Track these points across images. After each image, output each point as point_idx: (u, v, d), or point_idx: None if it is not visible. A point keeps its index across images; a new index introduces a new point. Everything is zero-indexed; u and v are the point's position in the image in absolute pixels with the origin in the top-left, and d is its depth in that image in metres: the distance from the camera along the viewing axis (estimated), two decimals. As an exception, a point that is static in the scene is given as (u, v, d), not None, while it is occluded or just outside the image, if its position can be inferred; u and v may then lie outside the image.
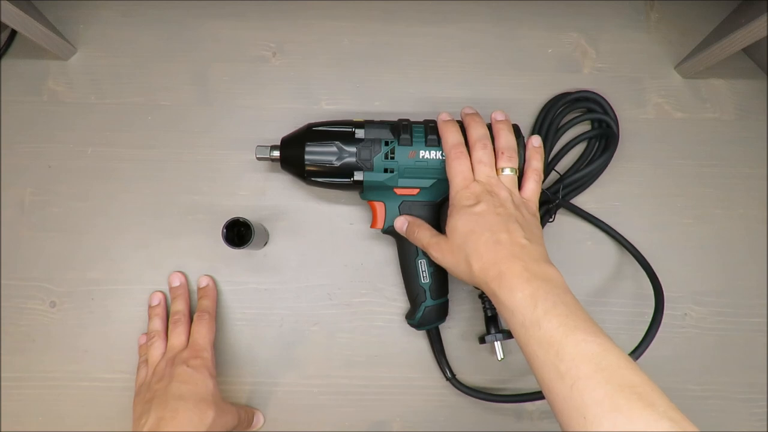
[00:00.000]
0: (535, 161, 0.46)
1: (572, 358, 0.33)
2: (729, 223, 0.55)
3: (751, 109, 0.57)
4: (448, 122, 0.46)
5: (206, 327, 0.49)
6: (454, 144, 0.44)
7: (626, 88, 0.57)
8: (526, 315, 0.36)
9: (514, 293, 0.37)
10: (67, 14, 0.56)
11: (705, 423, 0.52)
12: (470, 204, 0.42)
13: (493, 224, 0.40)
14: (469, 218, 0.41)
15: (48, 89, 0.55)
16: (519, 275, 0.37)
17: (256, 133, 0.54)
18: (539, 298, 0.36)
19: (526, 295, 0.36)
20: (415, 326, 0.50)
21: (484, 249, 0.40)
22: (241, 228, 0.47)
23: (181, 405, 0.42)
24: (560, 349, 0.33)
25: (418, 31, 0.57)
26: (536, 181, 0.45)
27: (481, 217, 0.41)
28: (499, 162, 0.44)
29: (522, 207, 0.43)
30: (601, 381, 0.32)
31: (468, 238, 0.41)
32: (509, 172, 0.44)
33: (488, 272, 0.39)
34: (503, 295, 0.37)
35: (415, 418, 0.52)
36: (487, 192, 0.42)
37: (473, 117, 0.46)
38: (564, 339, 0.34)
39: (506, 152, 0.44)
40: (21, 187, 0.54)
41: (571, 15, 0.58)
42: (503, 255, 0.39)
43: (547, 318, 0.35)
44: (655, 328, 0.45)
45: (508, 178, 0.44)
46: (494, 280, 0.38)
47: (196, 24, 0.57)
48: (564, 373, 0.33)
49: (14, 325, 0.52)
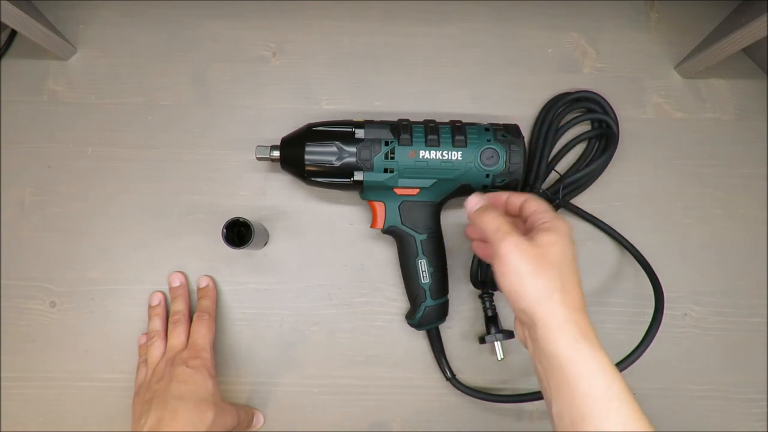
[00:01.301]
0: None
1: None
2: (729, 223, 0.55)
3: (751, 109, 0.57)
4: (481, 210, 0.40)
5: (206, 327, 0.49)
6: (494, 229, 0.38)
7: (626, 88, 0.57)
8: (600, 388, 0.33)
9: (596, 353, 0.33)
10: (67, 14, 0.56)
11: (705, 423, 0.52)
12: (568, 232, 0.37)
13: (577, 271, 0.37)
14: (566, 245, 0.36)
15: (48, 89, 0.55)
16: (594, 335, 0.34)
17: (256, 133, 0.54)
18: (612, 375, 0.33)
19: (608, 363, 0.34)
20: (415, 326, 0.50)
21: (573, 286, 0.36)
22: (241, 228, 0.47)
23: (181, 405, 0.42)
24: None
25: (418, 31, 0.57)
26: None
27: (575, 255, 0.37)
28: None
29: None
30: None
31: (564, 262, 0.36)
32: None
33: (571, 311, 0.35)
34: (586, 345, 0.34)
35: (415, 418, 0.52)
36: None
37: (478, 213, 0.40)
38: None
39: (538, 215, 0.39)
40: (21, 187, 0.54)
41: (571, 15, 0.58)
42: (580, 303, 0.36)
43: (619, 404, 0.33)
44: (655, 328, 0.45)
45: None
46: (575, 324, 0.34)
47: (195, 24, 0.57)
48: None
49: (14, 325, 0.52)
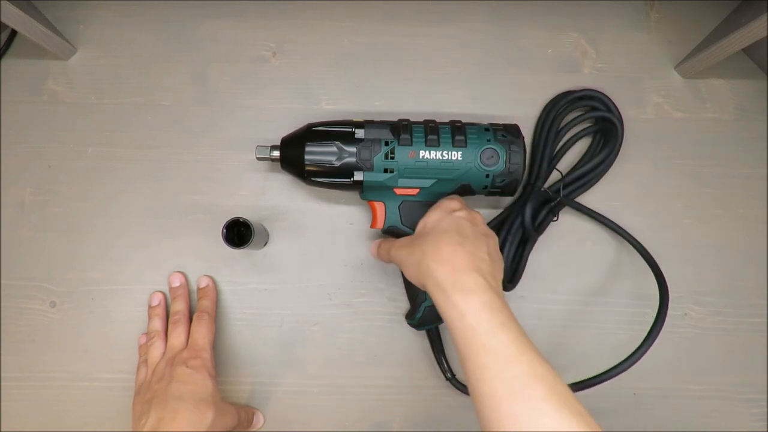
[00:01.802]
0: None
1: (527, 376, 0.32)
2: (729, 223, 0.55)
3: (751, 109, 0.57)
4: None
5: (206, 327, 0.49)
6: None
7: (626, 88, 0.56)
8: (482, 322, 0.34)
9: (469, 297, 0.35)
10: (67, 14, 0.56)
11: (705, 423, 0.52)
12: (452, 207, 0.42)
13: (464, 229, 0.40)
14: (442, 216, 0.42)
15: (48, 89, 0.55)
16: (475, 280, 0.36)
17: (256, 133, 0.54)
18: (495, 309, 0.35)
19: (484, 302, 0.35)
20: (415, 326, 0.50)
21: (445, 244, 0.39)
22: (241, 228, 0.47)
23: (181, 405, 0.42)
24: (515, 365, 0.33)
25: (418, 31, 0.57)
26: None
27: (455, 220, 0.41)
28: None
29: (491, 239, 0.42)
30: (557, 406, 0.31)
31: (434, 230, 0.41)
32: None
33: (442, 266, 0.37)
34: (456, 294, 0.36)
35: (415, 418, 0.52)
36: (468, 211, 0.43)
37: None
38: (520, 356, 0.33)
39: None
40: (21, 187, 0.54)
41: (571, 15, 0.58)
42: (462, 256, 0.38)
43: (503, 330, 0.34)
44: (658, 326, 0.45)
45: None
46: (447, 276, 0.37)
47: (195, 24, 0.57)
48: (517, 390, 0.32)
49: (14, 325, 0.52)
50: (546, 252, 0.53)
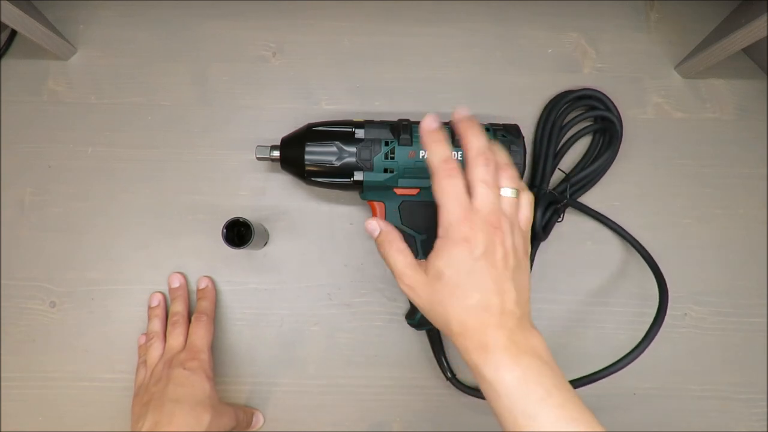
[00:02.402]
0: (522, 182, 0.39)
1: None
2: (729, 223, 0.55)
3: (751, 109, 0.57)
4: (434, 132, 0.37)
5: (204, 328, 0.49)
6: (444, 158, 0.36)
7: (626, 88, 0.56)
8: (517, 403, 0.32)
9: (501, 374, 0.32)
10: (67, 14, 0.56)
11: (705, 423, 0.52)
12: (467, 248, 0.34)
13: (487, 283, 0.34)
14: (461, 268, 0.34)
15: (48, 89, 0.55)
16: (505, 350, 0.33)
17: (256, 133, 0.54)
18: (531, 383, 0.32)
19: (516, 378, 0.32)
20: (415, 326, 0.50)
21: (469, 314, 0.34)
22: (241, 228, 0.47)
23: (177, 408, 0.42)
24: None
25: (418, 31, 0.57)
26: (530, 206, 0.38)
27: (475, 271, 0.34)
28: (501, 181, 0.36)
29: (519, 247, 0.36)
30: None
31: (453, 294, 0.34)
32: (511, 194, 0.36)
33: (470, 341, 0.34)
34: (488, 372, 0.33)
35: (415, 418, 0.52)
36: (488, 229, 0.34)
37: (470, 124, 0.37)
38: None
39: (508, 169, 0.37)
40: (21, 187, 0.54)
41: (571, 15, 0.58)
42: (489, 324, 0.34)
43: (542, 409, 0.31)
44: (657, 326, 0.45)
45: (510, 202, 0.36)
46: (476, 351, 0.33)
47: (196, 24, 0.57)
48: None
49: (14, 325, 0.52)
50: (546, 252, 0.53)
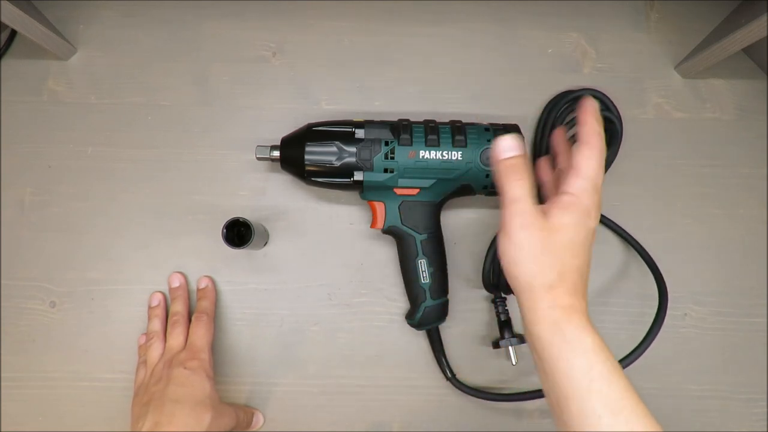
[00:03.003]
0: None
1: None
2: (729, 223, 0.55)
3: (751, 109, 0.57)
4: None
5: (204, 328, 0.49)
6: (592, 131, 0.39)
7: (626, 88, 0.57)
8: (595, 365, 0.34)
9: (583, 335, 0.34)
10: (67, 14, 0.56)
11: (705, 423, 0.52)
12: (591, 214, 0.37)
13: (588, 254, 0.37)
14: (582, 231, 0.36)
15: (48, 89, 0.55)
16: (586, 316, 0.35)
17: (256, 133, 0.54)
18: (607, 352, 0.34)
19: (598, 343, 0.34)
20: (415, 326, 0.50)
21: (572, 272, 0.36)
22: (241, 228, 0.47)
23: (178, 408, 0.42)
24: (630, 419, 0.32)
25: (418, 31, 0.57)
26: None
27: (588, 239, 0.37)
28: None
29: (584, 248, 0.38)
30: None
31: (568, 248, 0.36)
32: None
33: (563, 296, 0.35)
34: (571, 329, 0.34)
35: (415, 418, 0.52)
36: (596, 207, 0.37)
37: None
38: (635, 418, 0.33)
39: None
40: (21, 187, 0.54)
41: (571, 15, 0.58)
42: (580, 288, 0.36)
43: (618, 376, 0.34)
44: (657, 327, 0.46)
45: None
46: (565, 309, 0.35)
47: (196, 24, 0.57)
48: None
49: (14, 325, 0.52)
50: (546, 252, 0.53)
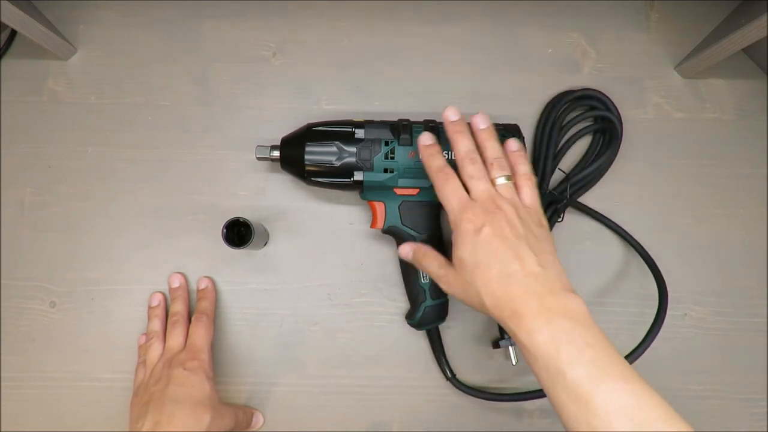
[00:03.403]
0: (521, 166, 0.42)
1: (605, 413, 0.31)
2: (729, 223, 0.55)
3: (751, 109, 0.57)
4: (429, 146, 0.43)
5: (204, 329, 0.49)
6: (438, 168, 0.41)
7: (626, 88, 0.56)
8: (549, 362, 0.33)
9: (533, 336, 0.34)
10: (67, 14, 0.56)
11: (705, 423, 0.52)
12: (472, 229, 0.38)
13: (501, 253, 0.37)
14: (475, 248, 0.37)
15: (48, 89, 0.55)
16: (536, 314, 0.34)
17: (256, 133, 0.54)
18: (562, 342, 0.33)
19: (547, 339, 0.33)
20: (415, 326, 0.50)
21: (496, 285, 0.36)
22: (241, 228, 0.47)
23: (178, 409, 0.42)
24: (590, 401, 0.31)
25: (418, 31, 0.57)
26: (531, 186, 0.41)
27: (486, 245, 0.37)
28: (491, 173, 0.41)
29: (528, 219, 0.39)
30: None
31: (475, 272, 0.37)
32: (504, 180, 0.40)
33: (503, 310, 0.36)
34: (522, 337, 0.35)
35: (415, 418, 0.52)
36: (488, 211, 0.38)
37: (456, 129, 0.42)
38: (593, 390, 0.31)
39: (495, 161, 0.41)
40: (21, 187, 0.54)
41: (571, 15, 0.58)
42: (516, 290, 0.36)
43: (571, 366, 0.32)
44: (657, 327, 0.45)
45: (505, 187, 0.40)
46: (511, 320, 0.35)
47: (196, 24, 0.57)
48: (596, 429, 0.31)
49: (14, 325, 0.52)
50: (546, 252, 0.53)
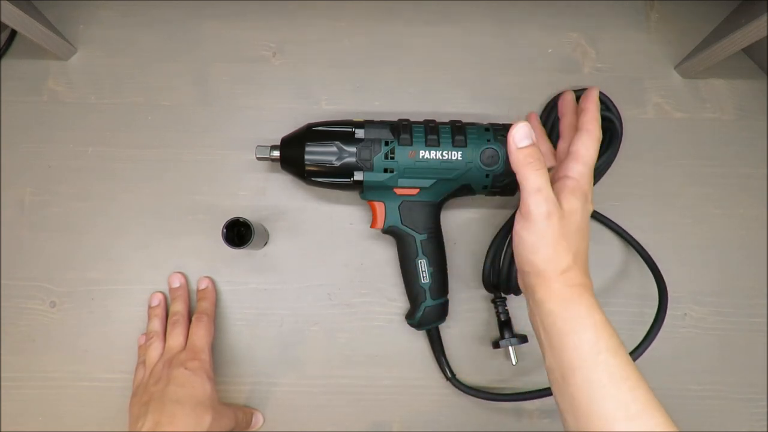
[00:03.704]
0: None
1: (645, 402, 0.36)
2: (729, 223, 0.55)
3: (751, 109, 0.57)
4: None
5: (204, 329, 0.49)
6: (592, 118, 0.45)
7: (626, 88, 0.56)
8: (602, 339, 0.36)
9: (592, 312, 0.37)
10: (67, 14, 0.56)
11: (705, 423, 0.52)
12: (588, 199, 0.41)
13: (588, 235, 0.41)
14: (585, 214, 0.41)
15: (48, 89, 0.55)
16: (593, 295, 0.38)
17: (256, 133, 0.54)
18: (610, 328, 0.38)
19: (604, 320, 0.37)
20: (415, 326, 0.50)
21: (583, 253, 0.40)
22: (241, 228, 0.47)
23: (178, 409, 0.42)
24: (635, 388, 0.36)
25: (418, 31, 0.57)
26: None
27: (588, 219, 0.41)
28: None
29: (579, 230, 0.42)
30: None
31: (579, 231, 0.39)
32: None
33: (576, 274, 0.38)
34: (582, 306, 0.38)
35: (415, 418, 0.52)
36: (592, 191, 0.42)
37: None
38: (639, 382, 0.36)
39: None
40: (21, 187, 0.54)
41: (571, 15, 0.58)
42: (584, 265, 0.39)
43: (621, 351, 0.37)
44: (657, 327, 0.46)
45: None
46: (576, 287, 0.38)
47: (196, 24, 0.57)
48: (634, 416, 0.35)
49: (14, 325, 0.52)
50: (546, 252, 0.53)
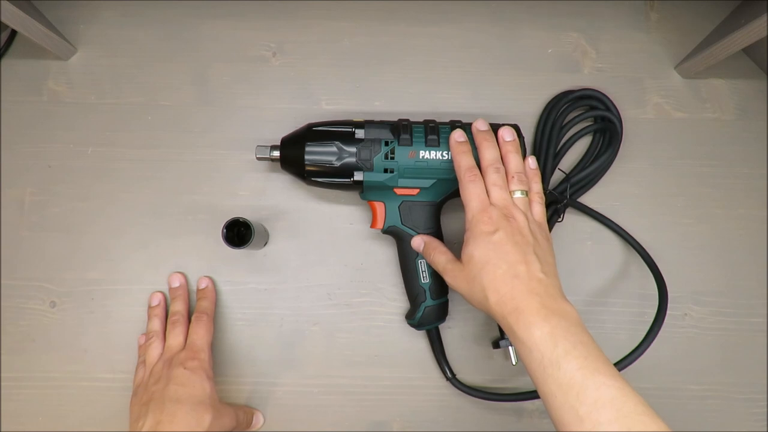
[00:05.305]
0: (535, 184, 0.45)
1: (593, 402, 0.33)
2: (729, 223, 0.55)
3: (751, 109, 0.57)
4: (462, 144, 0.45)
5: (204, 328, 0.49)
6: (468, 167, 0.44)
7: (626, 88, 0.57)
8: (545, 354, 0.35)
9: (531, 331, 0.36)
10: (67, 14, 0.56)
11: (705, 423, 0.52)
12: (488, 231, 0.41)
13: (511, 255, 0.40)
14: (487, 247, 0.40)
15: (48, 89, 0.55)
16: (536, 312, 0.37)
17: (256, 133, 0.54)
18: (558, 337, 0.36)
19: (545, 334, 0.36)
20: (415, 326, 0.50)
21: (501, 282, 0.39)
22: (241, 228, 0.47)
23: (179, 408, 0.42)
24: (581, 391, 0.33)
25: (418, 31, 0.57)
26: (541, 204, 0.45)
27: (498, 246, 0.40)
28: (510, 185, 0.44)
29: (537, 232, 0.43)
30: (622, 429, 0.32)
31: (484, 269, 0.40)
32: (521, 194, 0.43)
33: (505, 306, 0.38)
34: (520, 331, 0.37)
35: (415, 418, 0.52)
36: (505, 217, 0.41)
37: (485, 137, 0.45)
38: (584, 381, 0.34)
39: (516, 176, 0.44)
40: (21, 187, 0.54)
41: (571, 15, 0.58)
42: (520, 290, 0.38)
43: (567, 359, 0.35)
44: (657, 327, 0.45)
45: (521, 200, 0.43)
46: (511, 315, 0.38)
47: (196, 24, 0.57)
48: (584, 416, 0.33)
49: (14, 325, 0.52)
50: (546, 252, 0.53)
